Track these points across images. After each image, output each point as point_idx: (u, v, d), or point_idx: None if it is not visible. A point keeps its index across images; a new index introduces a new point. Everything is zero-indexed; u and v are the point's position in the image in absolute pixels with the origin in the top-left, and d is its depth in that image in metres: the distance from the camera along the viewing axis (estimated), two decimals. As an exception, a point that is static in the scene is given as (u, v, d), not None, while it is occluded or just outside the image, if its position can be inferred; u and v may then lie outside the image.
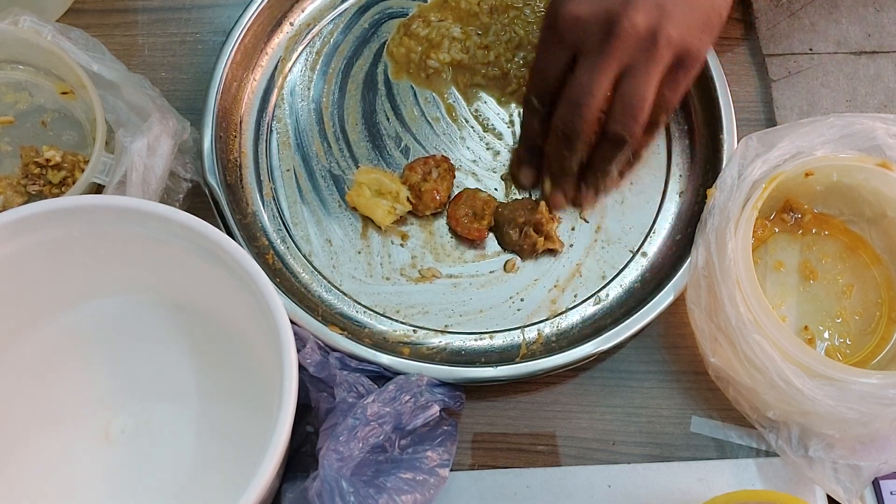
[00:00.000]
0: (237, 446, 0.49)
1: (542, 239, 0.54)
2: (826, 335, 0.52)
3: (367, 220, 0.55)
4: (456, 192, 0.56)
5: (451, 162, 0.56)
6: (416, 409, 0.47)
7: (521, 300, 0.54)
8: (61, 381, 0.50)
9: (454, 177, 0.56)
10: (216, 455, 0.49)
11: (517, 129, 0.58)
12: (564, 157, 0.51)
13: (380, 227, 0.55)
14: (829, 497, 0.50)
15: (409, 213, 0.55)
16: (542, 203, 0.54)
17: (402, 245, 0.55)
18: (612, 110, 0.48)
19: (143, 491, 0.49)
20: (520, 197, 0.56)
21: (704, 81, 0.57)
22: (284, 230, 0.56)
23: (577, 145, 0.50)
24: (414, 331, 0.53)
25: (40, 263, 0.45)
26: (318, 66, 0.60)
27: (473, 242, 0.55)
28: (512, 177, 0.57)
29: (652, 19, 0.46)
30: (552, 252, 0.55)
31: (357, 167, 0.57)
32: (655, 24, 0.46)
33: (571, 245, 0.55)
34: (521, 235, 0.54)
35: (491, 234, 0.55)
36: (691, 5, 0.46)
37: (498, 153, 0.58)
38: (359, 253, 0.55)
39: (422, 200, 0.54)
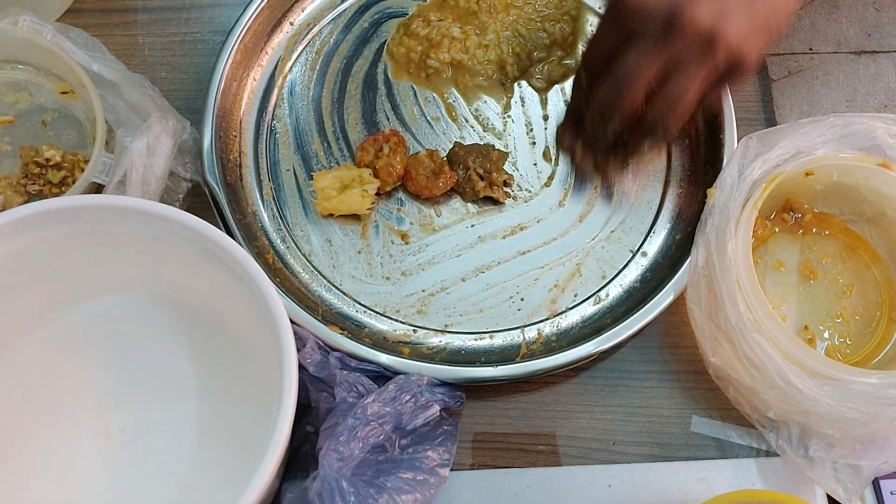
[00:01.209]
0: (237, 446, 0.49)
1: (485, 185, 0.55)
2: (826, 335, 0.52)
3: (366, 220, 0.55)
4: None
5: (400, 134, 0.56)
6: (417, 409, 0.47)
7: (521, 300, 0.54)
8: (61, 380, 0.50)
9: (406, 148, 0.56)
10: (216, 455, 0.49)
11: (517, 128, 0.58)
12: (599, 130, 0.52)
13: (384, 228, 0.55)
14: (829, 497, 0.50)
15: (376, 194, 0.55)
16: (497, 151, 0.56)
17: (403, 244, 0.55)
18: (655, 101, 0.49)
19: (143, 490, 0.49)
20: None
21: (704, 81, 0.57)
22: (284, 230, 0.55)
23: (614, 122, 0.51)
24: (414, 330, 0.53)
25: (40, 263, 0.45)
26: (318, 66, 0.60)
27: (436, 200, 0.56)
28: (556, 140, 0.58)
29: (714, 19, 0.45)
30: (495, 202, 0.56)
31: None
32: (716, 25, 0.45)
33: (570, 241, 0.55)
34: (466, 176, 0.55)
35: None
36: (754, 12, 0.46)
37: (498, 153, 0.58)
38: (359, 253, 0.55)
39: (380, 177, 0.55)
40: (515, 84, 0.59)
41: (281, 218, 0.56)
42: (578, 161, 0.57)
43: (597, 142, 0.54)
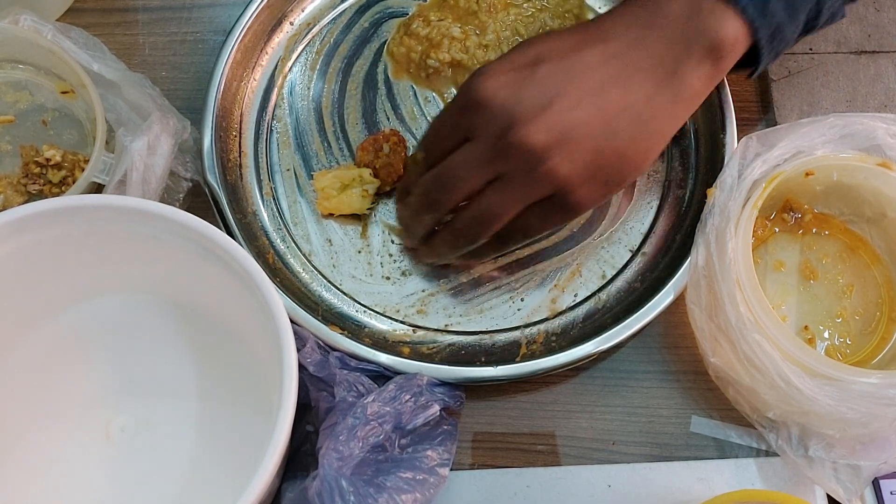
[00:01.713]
0: (237, 446, 0.49)
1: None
2: (826, 335, 0.52)
3: (366, 219, 0.55)
4: None
5: (400, 134, 0.56)
6: (416, 409, 0.47)
7: (521, 300, 0.54)
8: (61, 379, 0.50)
9: (406, 148, 0.56)
10: (216, 454, 0.49)
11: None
12: (412, 217, 0.50)
13: (384, 228, 0.55)
14: (829, 497, 0.50)
15: (376, 194, 0.55)
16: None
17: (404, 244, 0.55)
18: (466, 210, 0.46)
19: (142, 490, 0.49)
20: None
21: (705, 81, 0.57)
22: (284, 229, 0.56)
23: (427, 216, 0.48)
24: (414, 330, 0.53)
25: (40, 263, 0.45)
26: (318, 66, 0.60)
27: None
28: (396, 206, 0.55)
29: (546, 144, 0.42)
30: None
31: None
32: (546, 151, 0.42)
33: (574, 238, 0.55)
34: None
35: None
36: (595, 149, 0.43)
37: (498, 153, 0.58)
38: (359, 252, 0.55)
39: (380, 177, 0.54)
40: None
41: (281, 218, 0.56)
42: (398, 235, 0.54)
43: (409, 226, 0.51)
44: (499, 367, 0.50)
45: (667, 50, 0.43)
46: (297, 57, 0.60)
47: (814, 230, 0.55)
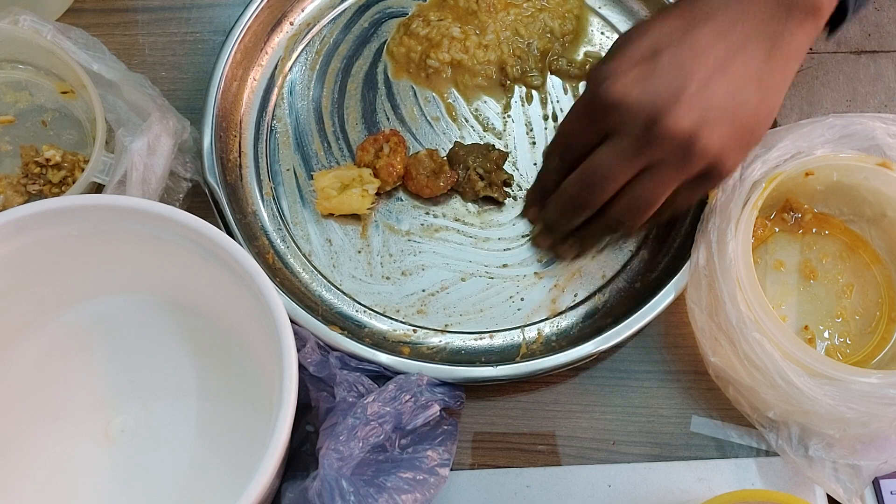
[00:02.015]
0: (237, 446, 0.49)
1: (485, 185, 0.55)
2: (826, 335, 0.52)
3: (366, 219, 0.55)
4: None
5: (400, 134, 0.56)
6: (417, 409, 0.47)
7: (521, 300, 0.54)
8: (61, 380, 0.50)
9: (406, 148, 0.56)
10: (216, 455, 0.49)
11: (517, 128, 0.58)
12: (561, 219, 0.51)
13: (384, 228, 0.55)
14: (829, 497, 0.50)
15: (376, 194, 0.55)
16: (497, 151, 0.56)
17: (404, 244, 0.55)
18: (620, 199, 0.48)
19: (143, 490, 0.49)
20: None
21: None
22: (284, 229, 0.56)
23: (578, 217, 0.50)
24: (414, 330, 0.53)
25: (40, 263, 0.45)
26: (317, 66, 0.60)
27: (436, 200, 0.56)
28: (524, 206, 0.56)
29: (695, 126, 0.44)
30: (495, 202, 0.56)
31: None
32: (696, 132, 0.44)
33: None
34: (466, 176, 0.55)
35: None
36: (733, 119, 0.45)
37: (498, 153, 0.58)
38: (359, 252, 0.55)
39: (380, 177, 0.54)
40: (515, 84, 0.59)
41: (281, 218, 0.56)
42: (534, 236, 0.55)
43: (555, 228, 0.53)
44: (499, 367, 0.50)
45: (770, 17, 0.46)
46: (297, 57, 0.60)
47: (814, 230, 0.55)
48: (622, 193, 0.48)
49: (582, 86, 0.59)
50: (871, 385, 0.45)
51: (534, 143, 0.58)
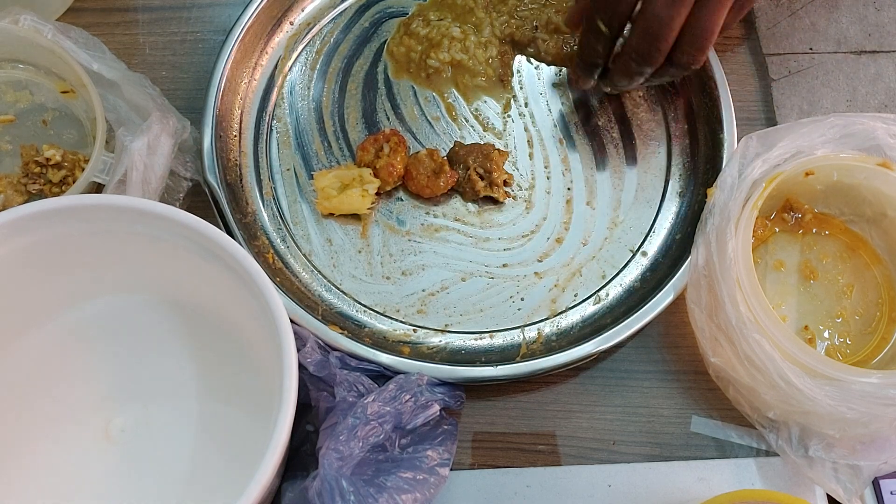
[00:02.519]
0: (237, 446, 0.49)
1: (485, 185, 0.55)
2: (826, 335, 0.52)
3: (367, 219, 0.55)
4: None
5: (400, 134, 0.56)
6: (417, 409, 0.47)
7: (521, 299, 0.54)
8: (61, 380, 0.50)
9: (406, 148, 0.56)
10: (216, 454, 0.49)
11: (517, 128, 0.58)
12: (632, 75, 0.52)
13: (384, 228, 0.55)
14: (829, 497, 0.50)
15: (376, 194, 0.55)
16: (497, 151, 0.56)
17: (404, 244, 0.55)
18: (682, 40, 0.48)
19: (143, 490, 0.49)
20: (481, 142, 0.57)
21: (704, 81, 0.57)
22: (284, 229, 0.56)
23: (649, 67, 0.51)
24: (414, 330, 0.53)
25: (40, 262, 0.45)
26: (318, 66, 0.60)
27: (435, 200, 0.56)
28: (571, 83, 0.59)
29: None
30: (495, 202, 0.56)
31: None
32: None
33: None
34: (466, 176, 0.55)
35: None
36: None
37: (498, 152, 0.58)
38: (359, 252, 0.55)
39: (380, 177, 0.54)
40: (515, 83, 0.59)
41: (281, 217, 0.56)
42: (592, 85, 0.56)
43: (630, 82, 0.53)
44: (499, 367, 0.50)
45: None
46: (297, 57, 0.60)
47: (814, 230, 0.55)
48: (683, 33, 0.48)
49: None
50: (871, 385, 0.45)
51: (534, 143, 0.58)
